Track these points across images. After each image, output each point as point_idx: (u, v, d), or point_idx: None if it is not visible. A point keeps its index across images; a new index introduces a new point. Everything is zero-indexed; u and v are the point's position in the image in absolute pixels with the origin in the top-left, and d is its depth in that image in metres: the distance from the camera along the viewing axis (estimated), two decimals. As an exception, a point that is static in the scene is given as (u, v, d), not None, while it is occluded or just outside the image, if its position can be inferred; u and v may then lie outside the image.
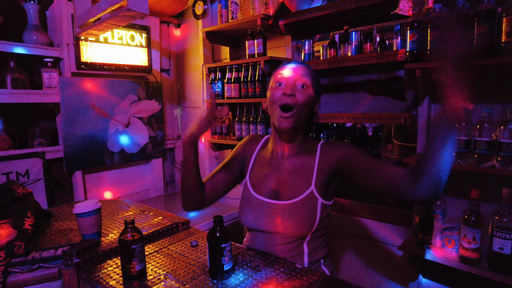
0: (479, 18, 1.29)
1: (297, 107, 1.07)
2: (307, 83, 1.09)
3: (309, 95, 1.09)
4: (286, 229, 1.06)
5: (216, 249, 0.94)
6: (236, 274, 1.00)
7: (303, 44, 2.13)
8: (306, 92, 1.08)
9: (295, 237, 1.07)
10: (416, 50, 1.48)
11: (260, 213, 1.11)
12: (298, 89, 1.08)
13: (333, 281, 0.95)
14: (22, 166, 2.13)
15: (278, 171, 1.15)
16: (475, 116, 1.48)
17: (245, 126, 2.34)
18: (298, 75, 1.10)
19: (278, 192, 1.12)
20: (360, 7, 1.72)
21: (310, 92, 1.10)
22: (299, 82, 1.09)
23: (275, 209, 1.09)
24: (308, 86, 1.10)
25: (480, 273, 1.35)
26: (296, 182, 1.10)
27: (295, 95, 1.07)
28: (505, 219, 1.27)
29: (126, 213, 1.58)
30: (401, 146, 2.35)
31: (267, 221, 1.10)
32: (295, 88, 1.08)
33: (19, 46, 2.10)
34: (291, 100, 1.06)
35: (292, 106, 1.06)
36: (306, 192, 1.08)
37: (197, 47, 2.96)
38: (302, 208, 1.06)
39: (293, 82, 1.09)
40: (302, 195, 1.07)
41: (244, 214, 1.16)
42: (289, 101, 1.06)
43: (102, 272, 1.04)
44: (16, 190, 1.22)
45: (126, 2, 1.54)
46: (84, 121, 2.43)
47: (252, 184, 1.19)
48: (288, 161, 1.15)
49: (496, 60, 1.26)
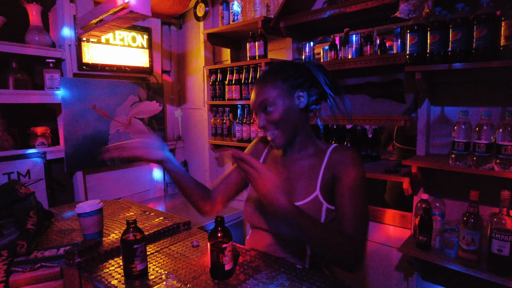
0: (478, 22, 1.31)
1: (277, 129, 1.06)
2: (268, 100, 1.04)
3: (278, 109, 1.04)
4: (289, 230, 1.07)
5: (217, 249, 0.95)
6: (237, 274, 1.00)
7: (304, 46, 2.14)
8: (274, 109, 1.04)
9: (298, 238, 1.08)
10: (416, 53, 1.50)
11: (264, 213, 1.12)
12: (267, 113, 1.05)
13: (333, 282, 0.96)
14: (23, 166, 2.14)
15: (285, 172, 1.15)
16: (474, 119, 1.49)
17: (246, 128, 2.35)
18: (257, 101, 1.07)
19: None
20: (360, 10, 1.74)
21: (278, 105, 1.04)
22: (262, 106, 1.06)
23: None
24: (272, 102, 1.04)
25: (479, 275, 1.36)
26: (301, 185, 1.09)
27: (268, 122, 1.06)
28: (503, 221, 1.28)
29: (127, 213, 1.58)
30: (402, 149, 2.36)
31: (271, 221, 1.10)
32: (264, 115, 1.06)
33: (21, 47, 2.12)
34: (268, 129, 1.07)
35: (271, 134, 1.07)
36: (311, 196, 1.06)
37: (198, 48, 2.98)
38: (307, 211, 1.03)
39: (258, 109, 1.07)
40: (307, 199, 1.07)
41: (249, 212, 1.18)
42: (267, 131, 1.08)
43: (104, 272, 1.05)
44: (19, 190, 1.22)
45: (128, 4, 1.55)
46: (85, 121, 2.44)
47: None
48: (296, 163, 1.14)
49: (495, 63, 1.28)
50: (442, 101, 1.69)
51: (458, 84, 1.64)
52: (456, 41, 1.37)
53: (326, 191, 1.07)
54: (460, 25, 1.36)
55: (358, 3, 1.72)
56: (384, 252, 1.93)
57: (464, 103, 1.63)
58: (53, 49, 2.28)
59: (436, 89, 1.69)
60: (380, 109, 1.94)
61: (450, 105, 1.67)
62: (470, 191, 1.36)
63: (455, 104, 1.65)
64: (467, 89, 1.61)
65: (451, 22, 1.38)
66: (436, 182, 1.72)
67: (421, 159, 1.59)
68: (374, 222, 1.95)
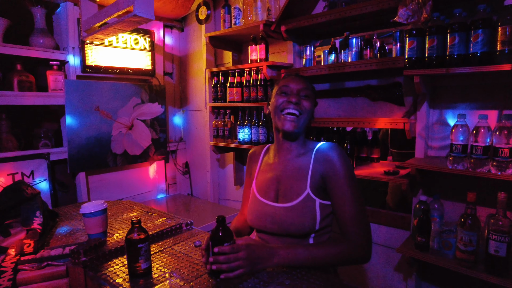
0: (475, 27, 1.33)
1: (302, 114, 1.18)
2: (309, 94, 1.21)
3: (310, 104, 1.21)
4: (289, 229, 1.13)
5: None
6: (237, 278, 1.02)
7: (305, 49, 2.17)
8: (308, 101, 1.20)
9: (298, 236, 1.14)
10: (414, 57, 1.52)
11: (264, 215, 1.19)
12: (302, 98, 1.19)
13: (333, 281, 0.99)
14: (27, 167, 2.17)
15: (279, 174, 1.22)
16: (472, 122, 1.51)
17: (247, 130, 2.38)
18: (301, 86, 1.20)
19: (279, 195, 1.20)
20: (360, 14, 1.76)
21: (311, 102, 1.22)
22: (302, 92, 1.20)
23: (277, 211, 1.16)
24: (309, 97, 1.21)
25: (477, 276, 1.38)
26: (293, 185, 1.17)
27: (300, 103, 1.18)
28: (500, 222, 1.30)
29: (130, 214, 1.61)
30: (399, 154, 2.39)
31: (270, 223, 1.17)
32: (299, 97, 1.19)
33: (26, 49, 2.15)
34: (297, 108, 1.17)
35: (297, 113, 1.17)
36: (303, 195, 1.14)
37: (200, 51, 3.01)
38: (301, 209, 1.13)
39: (297, 92, 1.20)
40: (300, 198, 1.14)
41: (251, 216, 1.24)
42: (295, 108, 1.16)
43: (108, 270, 1.07)
44: (25, 190, 1.25)
45: (132, 8, 1.58)
46: (88, 123, 2.47)
47: (257, 188, 1.27)
48: (288, 164, 1.22)
49: (492, 67, 1.30)
50: (441, 104, 1.71)
51: (456, 88, 1.66)
52: (454, 46, 1.40)
53: (317, 188, 1.15)
54: (457, 30, 1.38)
55: (358, 7, 1.74)
56: (384, 253, 1.95)
57: (462, 107, 1.66)
58: (57, 52, 2.31)
59: (434, 92, 1.72)
60: (379, 111, 1.97)
61: (448, 108, 1.69)
62: (468, 193, 1.39)
63: (453, 107, 1.68)
64: (465, 93, 1.64)
65: (448, 27, 1.41)
66: (434, 184, 1.75)
67: (420, 161, 1.62)
68: (374, 223, 1.97)
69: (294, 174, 1.18)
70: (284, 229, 1.14)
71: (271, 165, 1.28)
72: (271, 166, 1.27)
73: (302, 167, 1.18)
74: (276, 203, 1.18)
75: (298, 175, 1.17)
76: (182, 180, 3.36)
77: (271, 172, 1.25)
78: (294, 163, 1.21)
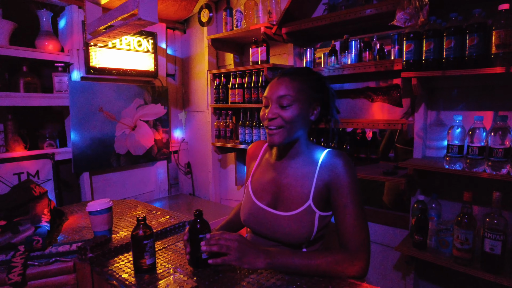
0: (471, 31, 1.37)
1: (284, 126, 1.07)
2: (292, 100, 1.06)
3: (296, 110, 1.06)
4: (284, 237, 1.09)
5: (195, 238, 1.02)
6: (237, 272, 1.05)
7: (305, 51, 2.20)
8: (292, 108, 1.06)
9: (292, 244, 1.10)
10: (412, 59, 1.56)
11: (260, 220, 1.14)
12: (283, 109, 1.06)
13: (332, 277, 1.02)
14: (33, 167, 2.21)
15: (279, 178, 1.15)
16: (468, 123, 1.55)
17: (248, 130, 2.42)
18: (282, 93, 1.06)
19: (277, 202, 1.13)
20: (359, 18, 1.80)
21: (298, 107, 1.06)
22: (284, 100, 1.06)
23: (274, 219, 1.11)
24: (293, 102, 1.06)
25: (473, 273, 1.41)
26: (294, 194, 1.10)
27: (279, 116, 1.06)
28: (495, 221, 1.34)
29: (134, 212, 1.65)
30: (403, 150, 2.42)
31: (265, 228, 1.13)
32: (279, 108, 1.07)
33: (31, 51, 2.19)
34: (275, 123, 1.06)
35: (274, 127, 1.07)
36: (304, 205, 1.07)
37: (202, 53, 3.05)
38: (300, 220, 1.07)
39: (278, 100, 1.07)
40: (300, 209, 1.07)
41: (245, 217, 1.19)
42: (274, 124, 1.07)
43: (114, 266, 1.11)
44: (34, 189, 1.29)
45: (137, 11, 1.62)
46: (92, 123, 2.51)
47: (253, 190, 1.20)
48: (291, 170, 1.14)
49: (486, 70, 1.34)
50: (438, 105, 1.75)
51: (453, 90, 1.70)
52: (450, 49, 1.43)
53: (319, 200, 1.08)
54: (453, 33, 1.42)
55: (357, 11, 1.78)
56: (383, 252, 1.98)
57: (458, 108, 1.69)
58: (62, 54, 2.35)
59: (432, 94, 1.75)
60: (378, 113, 2.00)
61: (446, 109, 1.73)
62: (464, 192, 1.42)
63: (450, 108, 1.71)
64: (461, 95, 1.67)
65: (445, 30, 1.45)
66: (432, 184, 1.78)
67: (418, 162, 1.65)
68: (373, 222, 2.00)
69: (297, 182, 1.11)
70: (278, 237, 1.09)
71: (273, 165, 1.19)
72: (272, 166, 1.19)
73: (306, 176, 1.10)
74: (274, 210, 1.11)
75: (300, 183, 1.10)
76: (184, 180, 3.40)
77: (271, 173, 1.18)
78: (298, 170, 1.12)
